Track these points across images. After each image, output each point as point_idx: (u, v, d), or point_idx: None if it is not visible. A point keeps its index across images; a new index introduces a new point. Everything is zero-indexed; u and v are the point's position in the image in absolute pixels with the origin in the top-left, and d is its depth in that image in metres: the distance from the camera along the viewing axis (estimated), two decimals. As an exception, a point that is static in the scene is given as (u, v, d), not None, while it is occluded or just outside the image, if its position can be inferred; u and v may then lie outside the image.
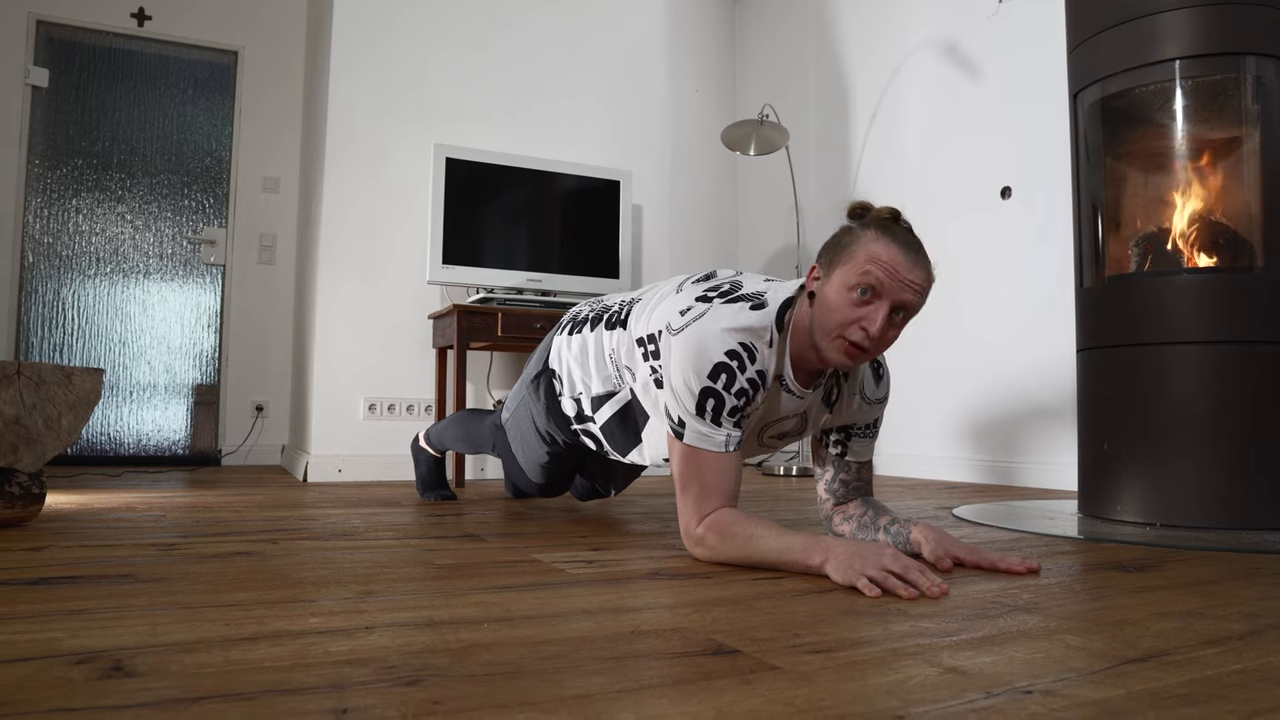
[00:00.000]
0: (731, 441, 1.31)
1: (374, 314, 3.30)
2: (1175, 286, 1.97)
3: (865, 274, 1.25)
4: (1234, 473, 1.87)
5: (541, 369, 1.81)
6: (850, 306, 1.27)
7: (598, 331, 1.64)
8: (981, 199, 3.28)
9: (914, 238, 1.30)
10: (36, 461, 1.71)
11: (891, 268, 1.25)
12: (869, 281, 1.25)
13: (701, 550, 1.34)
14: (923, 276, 1.27)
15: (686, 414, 1.31)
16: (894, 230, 1.28)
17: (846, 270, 1.27)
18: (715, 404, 1.29)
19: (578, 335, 1.69)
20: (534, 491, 2.01)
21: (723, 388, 1.29)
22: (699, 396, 1.29)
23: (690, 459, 1.32)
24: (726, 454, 1.31)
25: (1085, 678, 0.76)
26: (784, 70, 4.28)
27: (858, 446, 1.54)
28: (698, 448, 1.31)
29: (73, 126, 4.07)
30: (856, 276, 1.25)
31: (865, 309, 1.26)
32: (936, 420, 3.46)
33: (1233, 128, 2.01)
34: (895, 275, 1.25)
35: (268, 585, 1.14)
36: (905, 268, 1.25)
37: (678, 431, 1.33)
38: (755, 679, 0.74)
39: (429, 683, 0.71)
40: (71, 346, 4.03)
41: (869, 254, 1.26)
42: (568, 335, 1.73)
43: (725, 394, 1.29)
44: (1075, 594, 1.16)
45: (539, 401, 1.80)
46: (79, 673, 0.73)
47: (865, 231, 1.29)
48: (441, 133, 3.46)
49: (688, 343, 1.31)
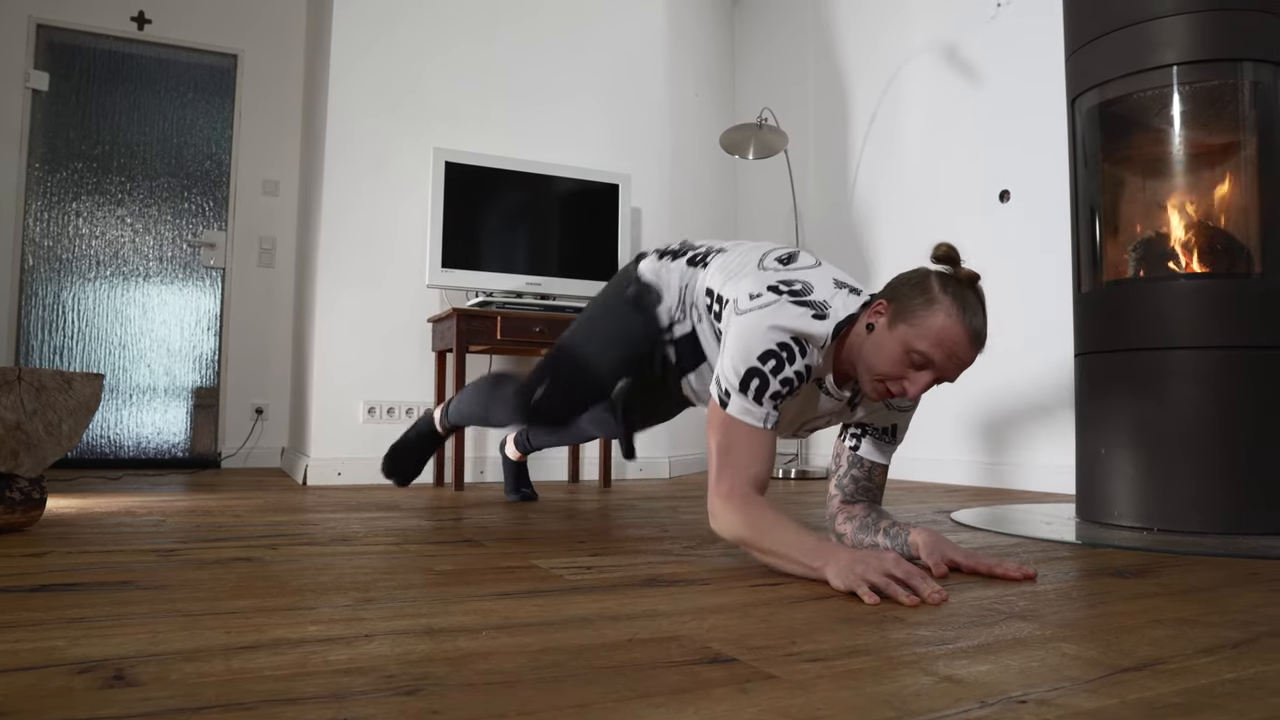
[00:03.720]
0: (770, 420, 1.35)
1: (373, 317, 3.31)
2: (1172, 292, 1.97)
3: (927, 352, 1.30)
4: (1231, 478, 1.88)
5: (636, 284, 1.77)
6: (900, 365, 1.32)
7: (679, 264, 1.70)
8: (980, 202, 3.29)
9: (984, 316, 1.33)
10: (37, 467, 1.72)
11: (952, 350, 1.29)
12: (927, 358, 1.30)
13: (721, 521, 1.35)
14: (975, 355, 1.32)
15: (734, 386, 1.35)
16: (971, 308, 1.31)
17: (912, 334, 1.31)
18: (760, 384, 1.34)
19: (667, 260, 1.73)
20: (560, 410, 1.93)
21: (770, 372, 1.34)
22: (745, 374, 1.34)
23: (730, 429, 1.36)
24: (764, 430, 1.35)
25: (1080, 686, 0.76)
26: (783, 74, 4.29)
27: (870, 446, 1.56)
28: (738, 419, 1.35)
29: (73, 130, 4.07)
30: (920, 347, 1.30)
31: (913, 373, 1.32)
32: (935, 423, 3.47)
33: (1230, 133, 2.01)
34: (954, 357, 1.30)
35: (267, 592, 1.15)
36: (965, 350, 1.30)
37: (723, 401, 1.37)
38: (752, 688, 0.74)
39: (428, 692, 0.72)
40: (71, 349, 4.04)
41: (939, 334, 1.29)
42: (658, 260, 1.75)
43: (771, 378, 1.34)
44: (1071, 600, 1.16)
45: (638, 314, 1.76)
46: (81, 682, 0.73)
47: (944, 300, 1.31)
48: (441, 136, 3.47)
49: (749, 325, 1.37)
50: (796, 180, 4.06)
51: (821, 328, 1.37)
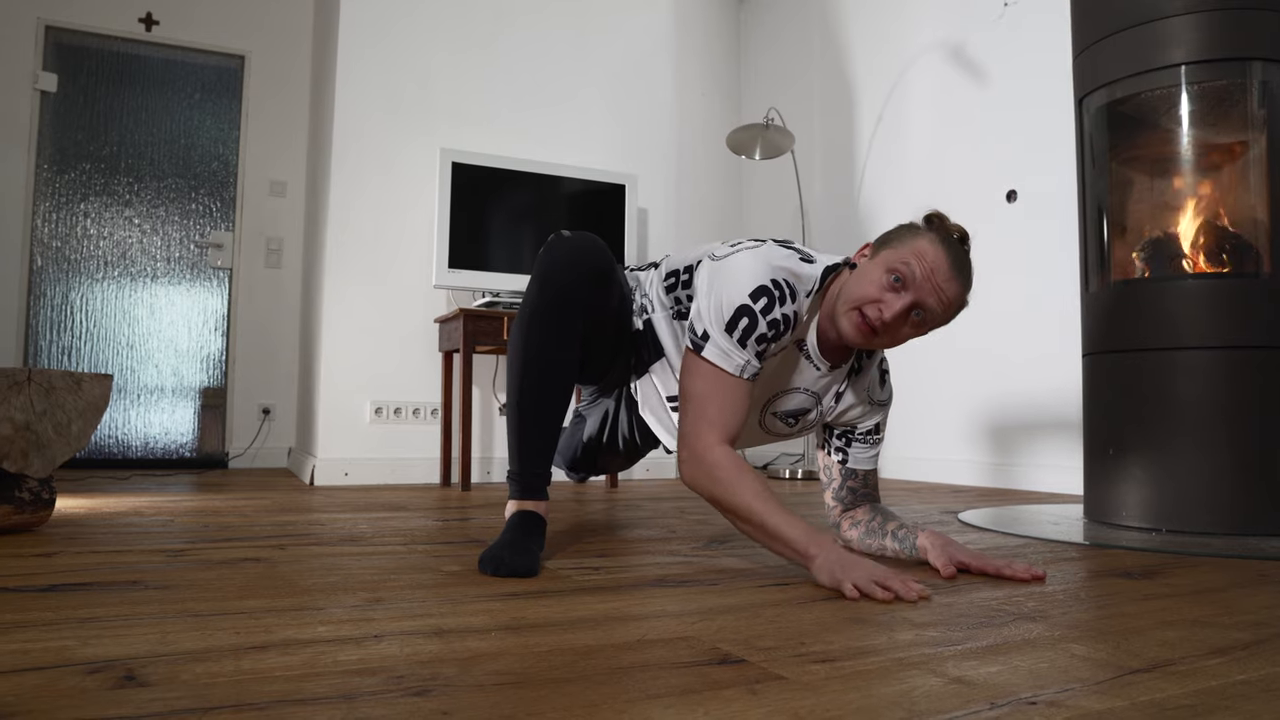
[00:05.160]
0: (749, 370, 1.30)
1: (380, 317, 3.31)
2: (1180, 292, 1.96)
3: (905, 263, 1.28)
4: (1240, 478, 1.87)
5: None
6: (878, 287, 1.29)
7: (634, 273, 1.66)
8: (987, 202, 3.28)
9: (967, 258, 1.32)
10: (47, 467, 1.72)
11: (931, 269, 1.27)
12: (904, 271, 1.28)
13: (702, 474, 1.29)
14: (955, 291, 1.29)
15: (714, 328, 1.30)
16: (954, 245, 1.30)
17: (890, 254, 1.30)
18: (748, 323, 1.29)
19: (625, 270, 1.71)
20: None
21: (760, 311, 1.29)
22: (734, 313, 1.29)
23: (704, 376, 1.31)
24: (740, 380, 1.30)
25: (1089, 688, 0.76)
26: (789, 73, 4.29)
27: (858, 453, 1.54)
28: (715, 365, 1.30)
29: (81, 131, 4.09)
30: (896, 262, 1.28)
31: (889, 294, 1.28)
32: (942, 424, 3.46)
33: (1239, 133, 2.01)
34: (931, 276, 1.27)
35: (276, 592, 1.15)
36: (943, 275, 1.28)
37: (698, 345, 1.31)
38: (761, 689, 0.74)
39: (437, 693, 0.72)
40: (80, 350, 4.05)
41: (917, 249, 1.29)
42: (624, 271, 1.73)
43: (760, 318, 1.29)
44: (1080, 601, 1.16)
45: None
46: (92, 682, 0.74)
47: (926, 232, 1.32)
48: (447, 136, 3.47)
49: (734, 264, 1.33)
50: (803, 180, 4.05)
51: (810, 270, 1.36)
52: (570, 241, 1.42)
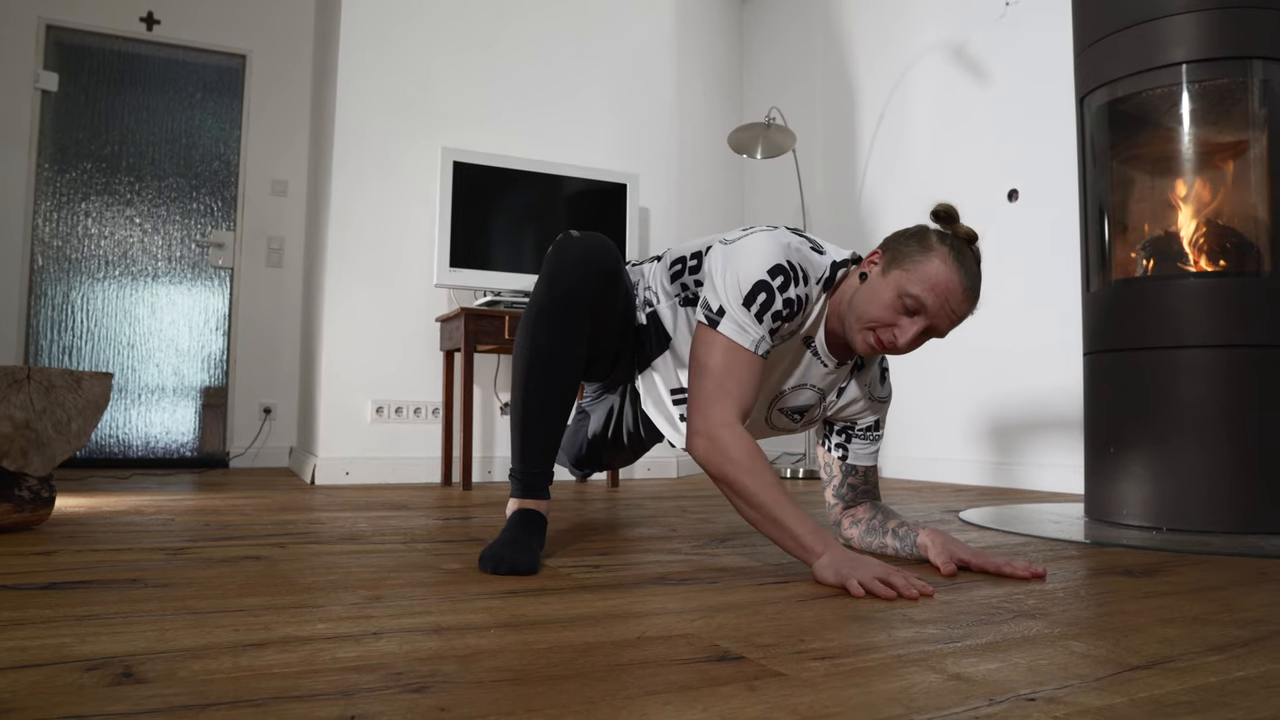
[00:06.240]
0: (763, 346, 1.30)
1: (382, 317, 3.31)
2: (1182, 290, 1.96)
3: (920, 296, 1.27)
4: (1240, 477, 1.87)
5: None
6: (891, 311, 1.29)
7: (636, 266, 1.66)
8: (988, 201, 3.28)
9: (978, 270, 1.32)
10: (46, 465, 1.73)
11: (945, 297, 1.27)
12: (919, 303, 1.27)
13: (716, 452, 1.27)
14: (968, 310, 1.30)
15: (731, 302, 1.29)
16: (965, 259, 1.29)
17: (905, 278, 1.29)
18: (766, 298, 1.28)
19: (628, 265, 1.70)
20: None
21: (778, 288, 1.29)
22: (753, 287, 1.28)
23: (719, 349, 1.29)
24: (754, 356, 1.29)
25: (1089, 685, 0.76)
26: (791, 73, 4.28)
27: (858, 449, 1.55)
28: (729, 339, 1.29)
29: (82, 130, 4.09)
30: (913, 291, 1.27)
31: (903, 319, 1.29)
32: (943, 423, 3.46)
33: (1239, 131, 2.00)
34: (945, 305, 1.28)
35: (276, 590, 1.15)
36: (957, 300, 1.28)
37: (713, 320, 1.30)
38: (760, 685, 0.74)
39: (436, 690, 0.72)
40: (80, 349, 4.06)
41: (934, 278, 1.27)
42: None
43: (777, 294, 1.29)
44: (1080, 599, 1.16)
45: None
46: (90, 679, 0.74)
47: (940, 249, 1.29)
48: (449, 135, 3.47)
49: (751, 243, 1.33)
50: (804, 180, 4.05)
51: (820, 259, 1.36)
52: (579, 241, 1.42)
